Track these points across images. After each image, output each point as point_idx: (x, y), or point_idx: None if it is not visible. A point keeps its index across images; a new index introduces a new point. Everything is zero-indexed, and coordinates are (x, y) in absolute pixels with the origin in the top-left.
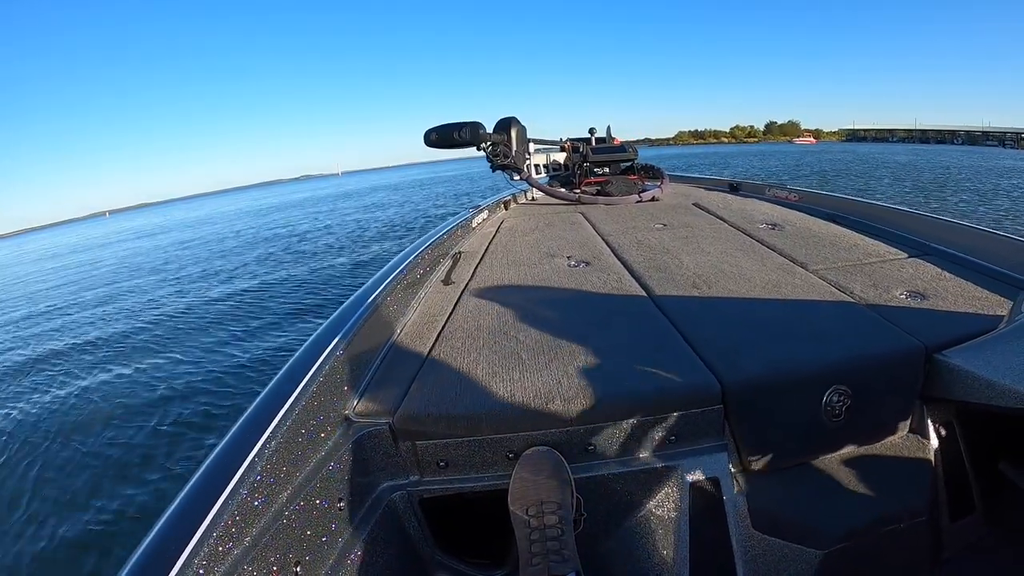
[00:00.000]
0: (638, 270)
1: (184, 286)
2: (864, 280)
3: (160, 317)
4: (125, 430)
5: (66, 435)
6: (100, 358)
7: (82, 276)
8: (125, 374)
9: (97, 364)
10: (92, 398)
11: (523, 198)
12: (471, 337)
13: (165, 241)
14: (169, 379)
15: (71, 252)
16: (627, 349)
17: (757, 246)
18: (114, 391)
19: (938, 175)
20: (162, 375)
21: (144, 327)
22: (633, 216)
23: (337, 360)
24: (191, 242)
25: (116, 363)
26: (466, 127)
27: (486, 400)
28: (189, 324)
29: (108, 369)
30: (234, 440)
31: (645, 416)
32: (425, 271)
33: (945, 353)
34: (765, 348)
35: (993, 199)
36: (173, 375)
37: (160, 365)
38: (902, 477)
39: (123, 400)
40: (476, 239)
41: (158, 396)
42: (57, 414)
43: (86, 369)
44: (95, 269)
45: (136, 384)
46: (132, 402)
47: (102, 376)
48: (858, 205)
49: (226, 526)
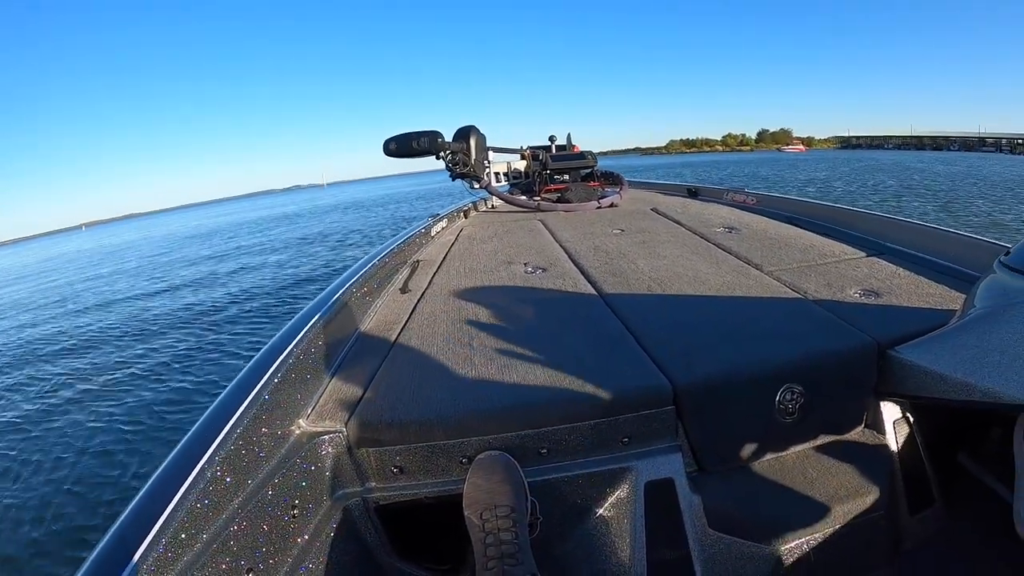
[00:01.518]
0: (594, 275)
1: (123, 303)
2: (819, 280)
3: (103, 329)
4: (78, 442)
5: (21, 451)
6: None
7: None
8: (74, 389)
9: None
10: (42, 411)
11: (483, 206)
12: (426, 344)
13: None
14: (123, 391)
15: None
16: (580, 353)
17: (713, 249)
18: (63, 407)
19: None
20: (116, 386)
21: (95, 337)
22: (592, 222)
23: (291, 368)
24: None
25: (63, 381)
26: (425, 136)
27: (440, 406)
28: (143, 334)
29: (54, 385)
30: (186, 448)
31: (598, 419)
32: (383, 279)
33: (897, 349)
34: (717, 348)
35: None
36: (126, 387)
37: (113, 377)
38: (859, 472)
39: (74, 415)
40: (435, 247)
41: (111, 408)
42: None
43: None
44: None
45: (89, 396)
46: (83, 416)
47: (47, 392)
48: (815, 207)
49: (175, 532)
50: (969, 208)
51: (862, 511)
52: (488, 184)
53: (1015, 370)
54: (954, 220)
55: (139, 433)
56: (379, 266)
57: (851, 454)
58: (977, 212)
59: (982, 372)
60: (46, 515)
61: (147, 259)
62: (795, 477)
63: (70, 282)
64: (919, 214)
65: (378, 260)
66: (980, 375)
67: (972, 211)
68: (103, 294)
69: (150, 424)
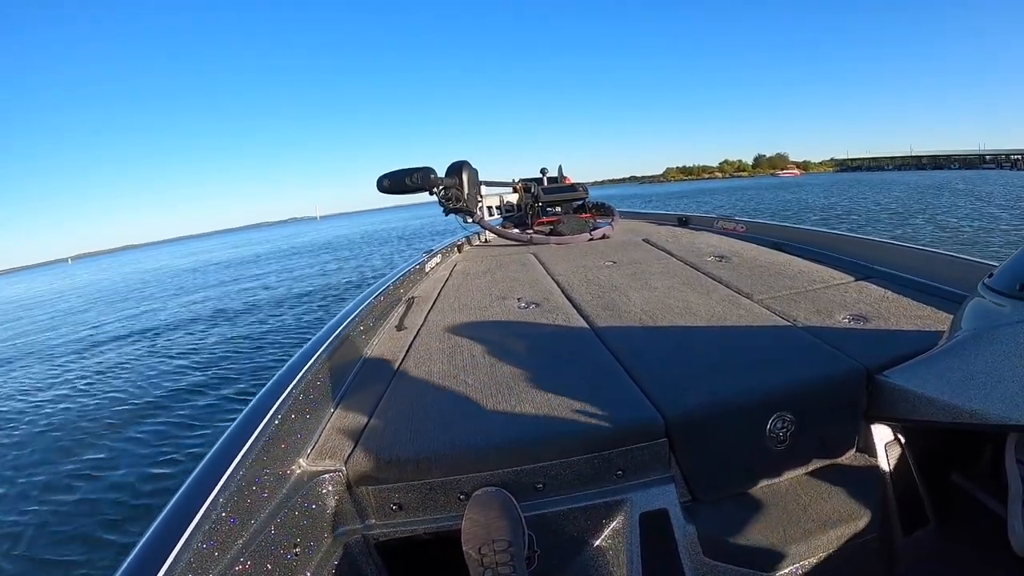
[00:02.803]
0: (587, 309)
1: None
2: (808, 307)
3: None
4: (81, 487)
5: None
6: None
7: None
8: (79, 429)
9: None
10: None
11: (476, 240)
12: (422, 382)
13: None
14: (128, 428)
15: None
16: (573, 388)
17: (704, 279)
18: (68, 444)
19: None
20: (124, 424)
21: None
22: (584, 254)
23: (291, 408)
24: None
25: (68, 418)
26: (418, 172)
27: (436, 443)
28: (143, 381)
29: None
30: (190, 490)
31: (591, 453)
32: (378, 317)
33: (886, 373)
34: (708, 380)
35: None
36: (133, 425)
37: (120, 414)
38: (852, 495)
39: (79, 457)
40: (429, 283)
41: (116, 449)
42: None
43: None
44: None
45: (91, 436)
46: (90, 456)
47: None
48: (804, 233)
49: (182, 574)
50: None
51: (856, 534)
52: (481, 219)
53: (999, 391)
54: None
55: (146, 473)
56: (375, 304)
57: (843, 478)
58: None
59: (968, 394)
60: (51, 557)
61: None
62: (788, 503)
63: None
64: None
65: (373, 298)
66: (966, 397)
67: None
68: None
69: (159, 461)
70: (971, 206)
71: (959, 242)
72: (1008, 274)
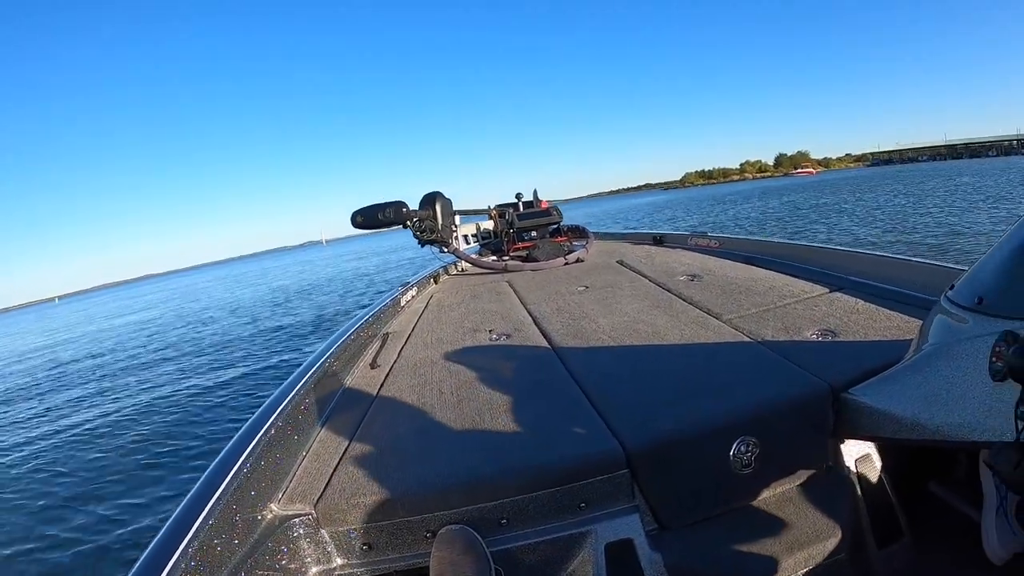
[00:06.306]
0: (556, 338)
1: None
2: (776, 324)
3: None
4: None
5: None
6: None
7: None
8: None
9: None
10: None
11: (454, 269)
12: (391, 421)
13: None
14: (109, 473)
15: None
16: (538, 422)
17: (674, 300)
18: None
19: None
20: (89, 474)
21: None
22: (558, 279)
23: (263, 454)
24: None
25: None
26: (390, 207)
27: (402, 483)
28: (108, 428)
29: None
30: (162, 540)
31: (553, 487)
32: (353, 355)
33: (852, 391)
34: (671, 407)
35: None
36: (114, 469)
37: (85, 463)
38: (823, 514)
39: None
40: (405, 317)
41: (93, 495)
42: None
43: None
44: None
45: (62, 481)
46: (60, 503)
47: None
48: (776, 246)
49: None
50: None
51: (828, 552)
52: (456, 249)
53: (960, 409)
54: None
55: (119, 519)
56: (350, 341)
57: (813, 497)
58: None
59: (930, 412)
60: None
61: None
62: (758, 526)
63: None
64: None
65: (347, 336)
66: (928, 415)
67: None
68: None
69: (130, 510)
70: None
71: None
72: (967, 287)
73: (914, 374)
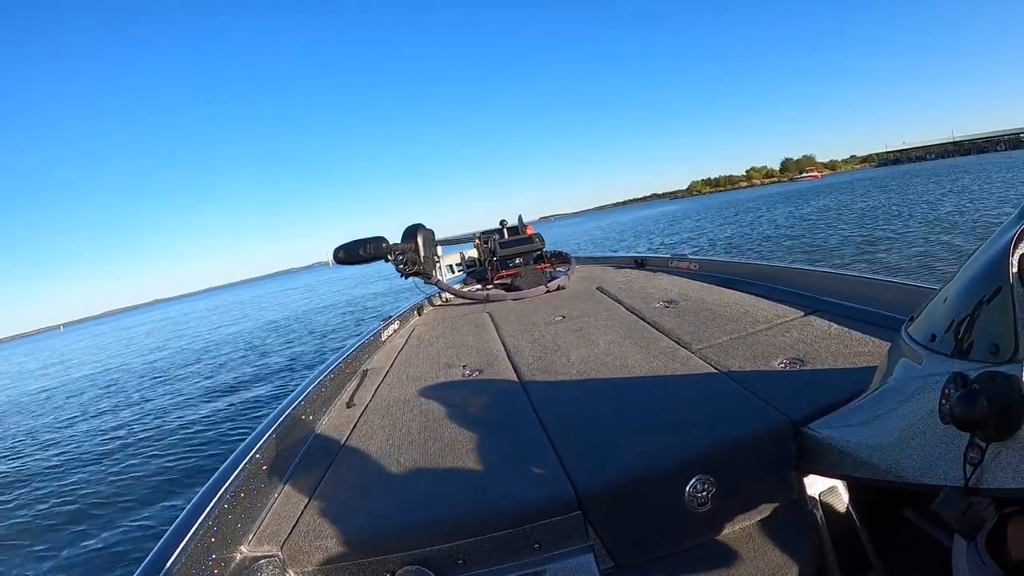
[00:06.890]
0: (526, 373)
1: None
2: (745, 353)
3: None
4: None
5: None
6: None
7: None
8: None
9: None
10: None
11: (437, 299)
12: (360, 462)
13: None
14: (66, 523)
15: None
16: (499, 462)
17: (647, 330)
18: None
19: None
20: (62, 513)
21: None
22: (537, 309)
23: (235, 496)
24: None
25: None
26: (370, 243)
27: (364, 523)
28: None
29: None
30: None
31: (508, 529)
32: (331, 393)
33: (812, 426)
34: (628, 445)
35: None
36: (68, 518)
37: (56, 504)
38: (785, 550)
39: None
40: (384, 353)
41: (61, 532)
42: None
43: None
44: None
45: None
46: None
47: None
48: (754, 268)
49: None
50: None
51: None
52: (438, 280)
53: (911, 450)
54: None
55: (94, 561)
56: (328, 380)
57: (777, 533)
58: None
59: (883, 451)
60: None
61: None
62: (718, 563)
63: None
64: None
65: (328, 374)
66: (882, 454)
67: None
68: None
69: (102, 553)
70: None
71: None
72: (924, 322)
73: (870, 411)
